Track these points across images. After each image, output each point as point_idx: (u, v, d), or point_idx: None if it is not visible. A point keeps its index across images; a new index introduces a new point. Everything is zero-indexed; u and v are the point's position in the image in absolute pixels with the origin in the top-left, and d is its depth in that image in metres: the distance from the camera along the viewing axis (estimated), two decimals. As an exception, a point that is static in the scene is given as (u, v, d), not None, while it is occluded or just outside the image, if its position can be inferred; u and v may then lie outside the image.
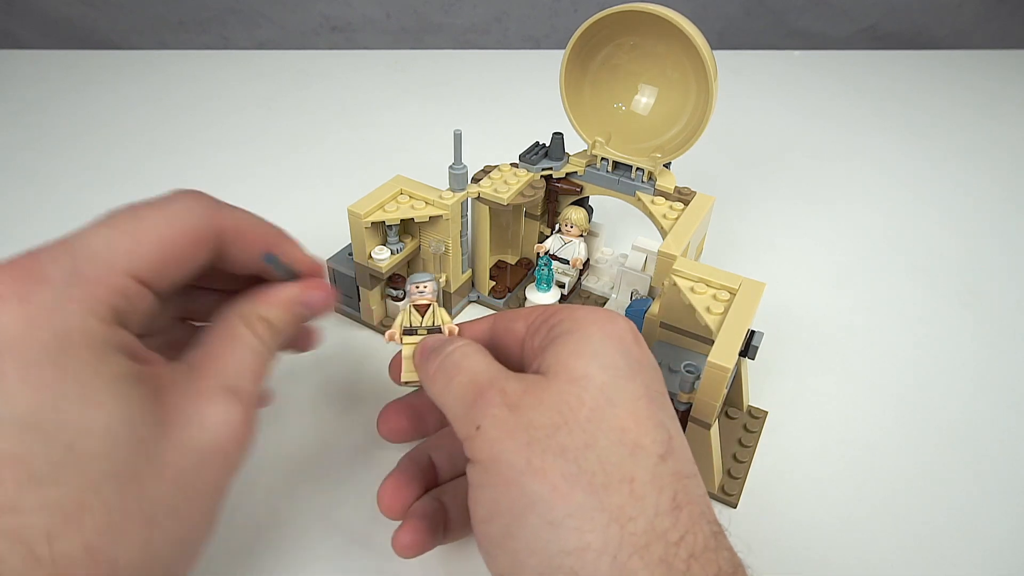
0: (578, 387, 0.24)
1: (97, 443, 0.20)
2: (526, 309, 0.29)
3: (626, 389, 0.24)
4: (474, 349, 0.27)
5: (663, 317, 0.37)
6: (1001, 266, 0.56)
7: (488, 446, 0.23)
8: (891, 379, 0.44)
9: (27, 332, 0.20)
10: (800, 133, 0.77)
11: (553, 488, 0.22)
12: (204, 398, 0.24)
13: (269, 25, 0.98)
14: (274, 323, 0.27)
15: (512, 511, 0.22)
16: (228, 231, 0.27)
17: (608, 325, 0.26)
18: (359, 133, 0.72)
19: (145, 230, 0.24)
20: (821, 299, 0.51)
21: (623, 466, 0.22)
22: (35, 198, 0.59)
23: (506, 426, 0.23)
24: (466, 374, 0.26)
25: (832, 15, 1.04)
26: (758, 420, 0.39)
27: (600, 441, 0.23)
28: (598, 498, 0.22)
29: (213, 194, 0.28)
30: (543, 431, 0.23)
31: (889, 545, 0.34)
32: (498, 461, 0.23)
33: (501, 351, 0.29)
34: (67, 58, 0.86)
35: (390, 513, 0.30)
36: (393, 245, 0.42)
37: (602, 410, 0.23)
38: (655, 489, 0.22)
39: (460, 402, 0.25)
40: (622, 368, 0.24)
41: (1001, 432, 0.41)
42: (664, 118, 0.43)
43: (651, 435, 0.23)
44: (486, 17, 1.00)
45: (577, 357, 0.24)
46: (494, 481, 0.23)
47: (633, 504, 0.22)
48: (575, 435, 0.23)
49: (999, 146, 0.76)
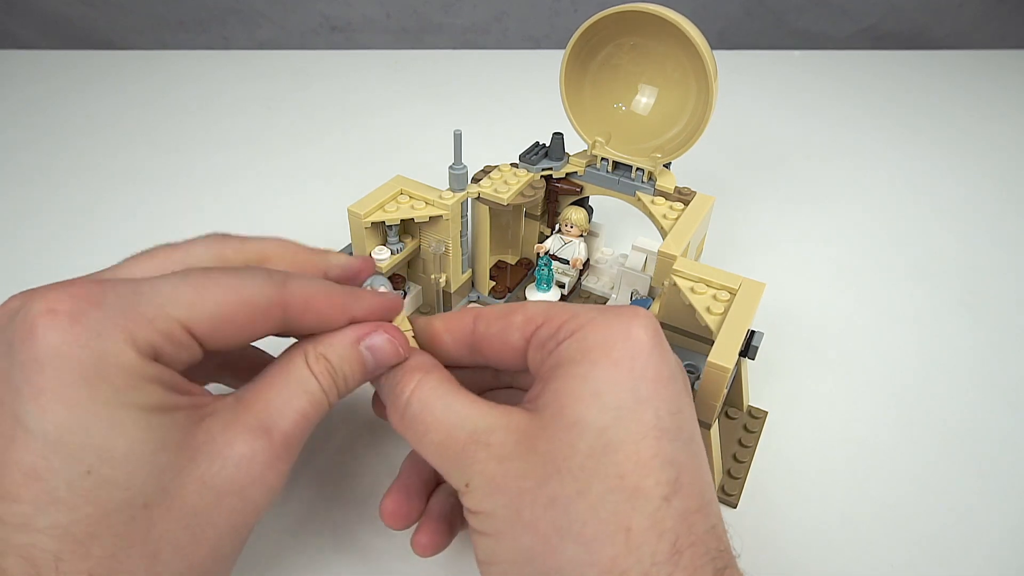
0: (572, 434, 0.22)
1: (115, 470, 0.20)
2: (518, 314, 0.27)
3: (630, 429, 0.22)
4: (435, 394, 0.25)
5: (663, 317, 0.37)
6: (1001, 266, 0.56)
7: (478, 501, 0.23)
8: (890, 379, 0.44)
9: (70, 351, 0.20)
10: (800, 133, 0.77)
11: (545, 541, 0.21)
12: (232, 433, 0.23)
13: (269, 25, 0.98)
14: (334, 362, 0.26)
15: (507, 561, 0.22)
16: (296, 305, 0.26)
17: (620, 347, 0.24)
18: (359, 133, 0.72)
19: (211, 288, 0.23)
20: (820, 299, 0.51)
21: (619, 514, 0.21)
22: (35, 198, 0.59)
23: (495, 480, 0.23)
24: (437, 432, 0.24)
25: (832, 15, 1.04)
26: (758, 420, 0.39)
27: (594, 489, 0.21)
28: (589, 551, 0.21)
29: (213, 194, 0.28)
30: (533, 481, 0.22)
31: (889, 544, 0.34)
32: (491, 514, 0.23)
33: (490, 358, 0.28)
34: (67, 58, 0.86)
35: (394, 524, 0.29)
36: (393, 245, 0.42)
37: (598, 457, 0.22)
38: (654, 536, 0.21)
39: (441, 459, 0.24)
40: (627, 405, 0.23)
41: (1001, 431, 0.41)
42: (664, 118, 0.43)
43: (654, 476, 0.22)
44: (486, 17, 1.00)
45: (576, 400, 0.23)
46: (489, 532, 0.23)
47: (627, 555, 0.21)
48: (567, 484, 0.22)
49: (999, 146, 0.76)
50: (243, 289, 0.24)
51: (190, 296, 0.23)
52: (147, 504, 0.21)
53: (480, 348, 0.28)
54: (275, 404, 0.24)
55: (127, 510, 0.20)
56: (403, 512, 0.28)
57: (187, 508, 0.21)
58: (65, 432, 0.20)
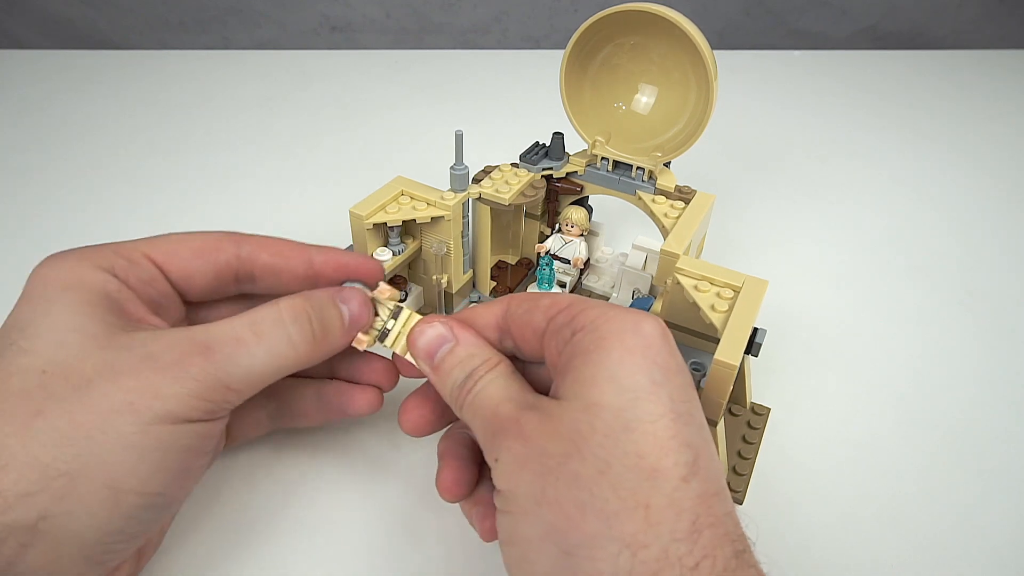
0: (590, 414, 0.23)
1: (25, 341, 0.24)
2: (545, 298, 0.28)
3: (646, 411, 0.23)
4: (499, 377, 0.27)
5: (666, 316, 0.37)
6: (1001, 265, 0.56)
7: (506, 478, 0.24)
8: (891, 377, 0.44)
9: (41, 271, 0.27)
10: (800, 133, 0.77)
11: (567, 517, 0.22)
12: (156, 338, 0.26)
13: (269, 25, 0.98)
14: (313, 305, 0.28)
15: (530, 539, 0.23)
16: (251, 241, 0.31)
17: (631, 337, 0.25)
18: (359, 133, 0.72)
19: (170, 234, 0.30)
20: (819, 298, 0.51)
21: (638, 492, 0.22)
22: (35, 198, 0.59)
23: (520, 458, 0.24)
24: (489, 407, 0.26)
25: (832, 15, 1.04)
26: (761, 417, 0.39)
27: (614, 467, 0.22)
28: (610, 526, 0.21)
29: (213, 194, 0.29)
30: (555, 459, 0.23)
31: (892, 541, 0.34)
32: (515, 492, 0.23)
33: (517, 341, 0.29)
34: (67, 58, 0.86)
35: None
36: (395, 246, 0.42)
37: (616, 436, 0.23)
38: (672, 514, 0.22)
39: (484, 433, 0.26)
40: (643, 387, 0.24)
41: (1003, 430, 0.41)
42: (664, 117, 0.43)
43: (672, 457, 0.23)
44: (486, 17, 1.00)
45: (592, 384, 0.24)
46: (512, 510, 0.24)
47: (647, 531, 0.21)
48: (587, 462, 0.22)
49: (999, 146, 0.76)
50: (199, 233, 0.30)
51: (148, 239, 0.29)
52: (44, 370, 0.24)
53: (510, 330, 0.29)
54: (227, 331, 0.26)
55: (26, 372, 0.24)
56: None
57: (80, 379, 0.24)
58: (12, 318, 0.25)
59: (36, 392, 0.23)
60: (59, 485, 0.22)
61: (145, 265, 0.28)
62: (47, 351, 0.24)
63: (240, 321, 0.26)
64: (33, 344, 0.24)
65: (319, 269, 0.31)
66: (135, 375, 0.24)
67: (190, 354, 0.25)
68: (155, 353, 0.25)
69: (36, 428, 0.22)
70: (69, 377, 0.24)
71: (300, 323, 0.27)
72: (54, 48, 0.94)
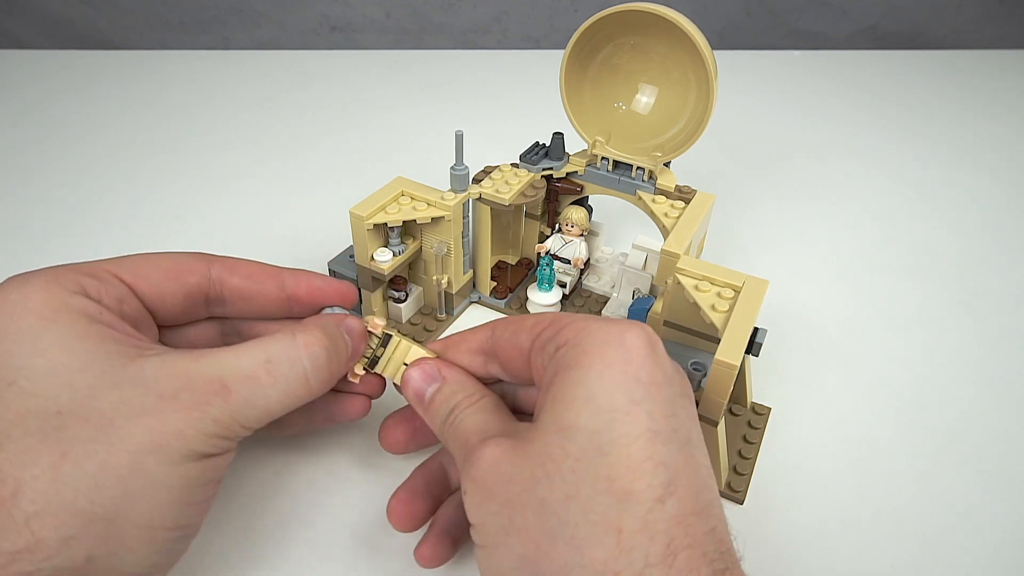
0: (563, 437, 0.23)
1: (33, 384, 0.23)
2: (530, 318, 0.28)
3: (621, 432, 0.22)
4: (479, 412, 0.27)
5: (667, 315, 0.37)
6: (1001, 266, 0.56)
7: (473, 509, 0.24)
8: (891, 376, 0.44)
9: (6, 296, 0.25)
10: (800, 133, 0.77)
11: (536, 547, 0.22)
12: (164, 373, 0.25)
13: (269, 25, 0.98)
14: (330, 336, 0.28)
15: (504, 573, 0.23)
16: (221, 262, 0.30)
17: (613, 350, 0.24)
18: (359, 133, 0.72)
19: (142, 254, 0.29)
20: (819, 298, 0.51)
21: (609, 516, 0.21)
22: (35, 198, 0.59)
23: (483, 487, 0.23)
24: (461, 438, 0.26)
25: (832, 15, 1.04)
26: (762, 417, 0.39)
27: (584, 492, 0.22)
28: (581, 554, 0.21)
29: (213, 195, 0.29)
30: (521, 486, 0.22)
31: (892, 540, 0.34)
32: (483, 523, 0.23)
33: (504, 363, 0.29)
34: (67, 58, 0.86)
35: (400, 526, 0.30)
36: (395, 247, 0.42)
37: (589, 459, 0.22)
38: (645, 538, 0.21)
39: (459, 465, 0.26)
40: (620, 407, 0.23)
41: (1003, 429, 0.41)
42: (664, 117, 0.43)
43: (646, 478, 0.22)
44: (486, 17, 1.00)
45: (569, 405, 0.23)
46: (484, 543, 0.23)
47: (619, 557, 0.21)
48: (555, 487, 0.22)
49: (999, 146, 0.76)
50: (168, 254, 0.30)
51: (114, 259, 0.28)
52: (60, 411, 0.23)
53: (496, 353, 0.29)
54: (243, 367, 0.25)
55: (40, 415, 0.23)
56: (407, 512, 0.29)
57: (101, 419, 0.23)
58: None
59: (56, 434, 0.22)
60: (99, 528, 0.22)
61: (115, 283, 0.27)
62: (56, 393, 0.23)
63: (255, 356, 0.26)
64: (39, 387, 0.23)
65: (292, 292, 0.31)
66: (157, 415, 0.23)
67: (209, 394, 0.24)
68: (172, 391, 0.24)
69: (65, 471, 0.22)
70: (89, 418, 0.23)
71: (317, 362, 0.27)
72: (54, 48, 0.94)
